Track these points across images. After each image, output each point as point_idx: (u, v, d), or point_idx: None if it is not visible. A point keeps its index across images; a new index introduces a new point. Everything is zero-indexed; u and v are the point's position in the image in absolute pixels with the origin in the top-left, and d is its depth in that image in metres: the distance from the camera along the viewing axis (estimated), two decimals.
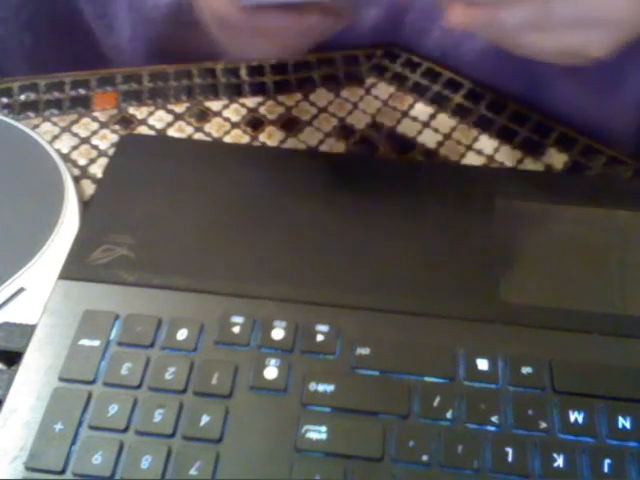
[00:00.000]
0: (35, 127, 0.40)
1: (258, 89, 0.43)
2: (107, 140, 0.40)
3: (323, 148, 0.40)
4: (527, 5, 0.28)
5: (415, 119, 0.42)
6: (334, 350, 0.29)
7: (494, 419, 0.28)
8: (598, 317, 0.31)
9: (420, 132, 0.41)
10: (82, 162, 0.39)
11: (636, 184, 0.39)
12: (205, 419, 0.27)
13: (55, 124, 0.41)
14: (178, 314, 0.30)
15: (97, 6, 0.48)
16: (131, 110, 0.42)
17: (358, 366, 0.29)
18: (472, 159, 0.40)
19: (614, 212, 0.35)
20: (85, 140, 0.40)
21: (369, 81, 0.44)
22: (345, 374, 0.29)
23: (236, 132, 0.41)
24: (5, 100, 0.42)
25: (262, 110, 0.42)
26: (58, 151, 0.38)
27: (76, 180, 0.38)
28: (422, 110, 0.42)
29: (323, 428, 0.27)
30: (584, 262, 0.33)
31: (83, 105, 0.42)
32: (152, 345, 0.29)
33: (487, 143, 0.41)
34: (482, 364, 0.29)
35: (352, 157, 0.40)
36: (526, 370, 0.29)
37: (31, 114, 0.41)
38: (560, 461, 0.27)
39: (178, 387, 0.28)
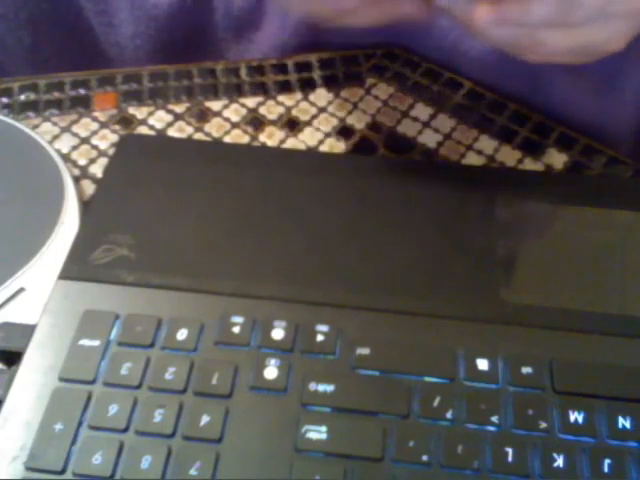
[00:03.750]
0: (35, 127, 0.40)
1: (258, 89, 0.43)
2: (107, 140, 0.40)
3: (323, 148, 0.40)
4: None
5: (415, 119, 0.42)
6: (334, 350, 0.29)
7: (494, 419, 0.28)
8: (598, 317, 0.31)
9: (420, 132, 0.41)
10: (82, 162, 0.39)
11: (636, 184, 0.39)
12: (205, 419, 0.27)
13: (55, 124, 0.41)
14: (178, 314, 0.30)
15: (97, 4, 0.48)
16: (131, 110, 0.42)
17: (358, 366, 0.29)
18: (472, 159, 0.40)
19: (614, 212, 0.35)
20: (85, 140, 0.40)
21: (369, 81, 0.44)
22: (345, 374, 0.29)
23: (236, 132, 0.41)
24: (5, 100, 0.42)
25: (262, 110, 0.42)
26: (58, 151, 0.38)
27: (76, 180, 0.38)
28: (422, 110, 0.42)
29: (323, 428, 0.27)
30: (584, 262, 0.33)
31: (83, 105, 0.42)
32: (152, 345, 0.29)
33: (487, 143, 0.41)
34: (482, 364, 0.29)
35: (352, 157, 0.40)
36: (526, 370, 0.29)
37: (31, 114, 0.41)
38: (560, 461, 0.27)
39: (178, 387, 0.28)
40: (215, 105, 0.42)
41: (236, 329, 0.30)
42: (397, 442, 0.27)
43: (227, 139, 0.40)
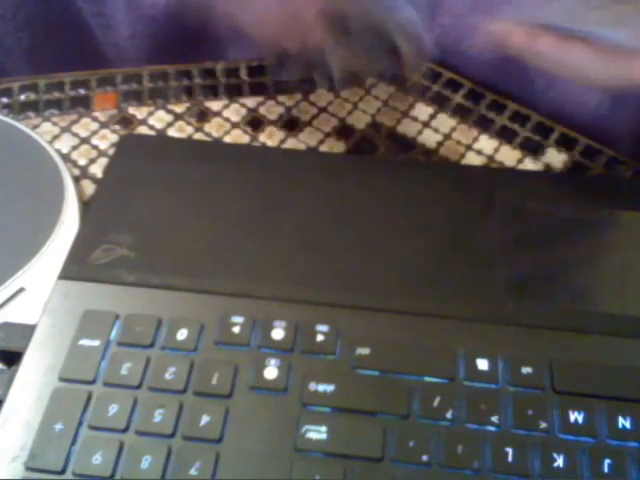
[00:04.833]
0: (35, 127, 0.40)
1: (258, 89, 0.43)
2: (107, 140, 0.40)
3: (323, 148, 0.40)
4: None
5: (415, 119, 0.42)
6: (334, 350, 0.29)
7: (494, 419, 0.28)
8: (598, 317, 0.31)
9: (420, 132, 0.41)
10: (82, 162, 0.39)
11: (636, 184, 0.39)
12: (205, 419, 0.27)
13: (55, 124, 0.41)
14: (178, 314, 0.30)
15: (95, 5, 0.48)
16: (131, 110, 0.42)
17: (358, 366, 0.29)
18: (472, 159, 0.40)
19: (614, 212, 0.35)
20: (85, 140, 0.40)
21: (369, 81, 0.44)
22: (345, 374, 0.29)
23: (236, 132, 0.41)
24: (5, 100, 0.42)
25: (262, 110, 0.42)
26: (58, 151, 0.38)
27: (76, 180, 0.38)
28: (422, 110, 0.42)
29: (323, 428, 0.27)
30: (584, 262, 0.33)
31: (83, 105, 0.42)
32: (152, 345, 0.29)
33: (487, 143, 0.41)
34: (482, 364, 0.29)
35: (352, 157, 0.40)
36: (526, 370, 0.29)
37: (31, 114, 0.41)
38: (560, 461, 0.27)
39: (178, 387, 0.28)
40: (215, 105, 0.42)
41: (236, 329, 0.30)
42: (397, 442, 0.27)
43: (227, 139, 0.40)
